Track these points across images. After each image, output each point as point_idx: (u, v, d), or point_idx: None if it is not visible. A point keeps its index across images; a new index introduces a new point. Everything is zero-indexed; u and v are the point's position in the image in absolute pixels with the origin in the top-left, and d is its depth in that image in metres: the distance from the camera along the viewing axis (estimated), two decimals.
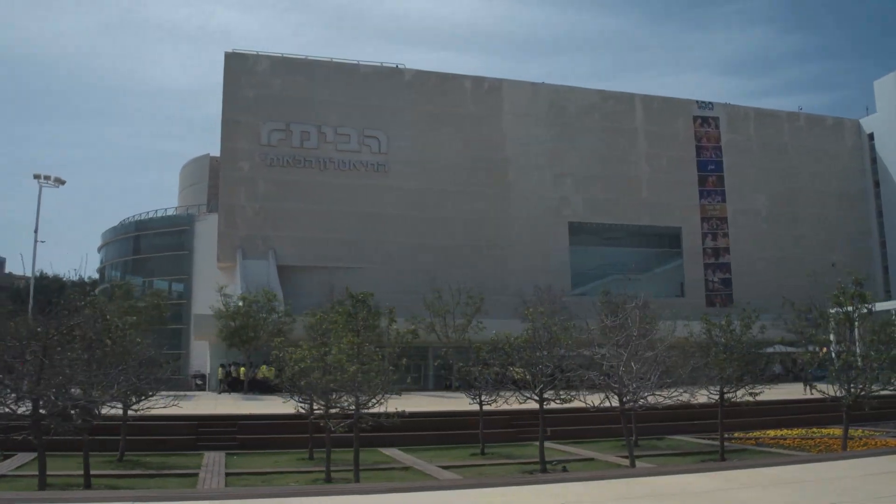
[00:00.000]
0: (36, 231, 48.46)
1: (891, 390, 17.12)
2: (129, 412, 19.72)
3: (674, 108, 67.98)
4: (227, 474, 18.03)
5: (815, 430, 27.20)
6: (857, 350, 16.70)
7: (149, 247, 62.20)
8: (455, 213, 60.04)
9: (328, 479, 16.99)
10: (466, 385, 22.50)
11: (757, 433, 26.62)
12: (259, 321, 43.14)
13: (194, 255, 59.56)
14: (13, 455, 19.09)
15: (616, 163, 64.99)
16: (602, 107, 66.06)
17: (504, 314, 46.31)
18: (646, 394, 16.34)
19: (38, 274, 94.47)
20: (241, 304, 43.55)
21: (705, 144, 67.93)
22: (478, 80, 63.96)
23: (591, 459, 20.80)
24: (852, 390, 16.74)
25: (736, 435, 26.48)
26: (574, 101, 65.49)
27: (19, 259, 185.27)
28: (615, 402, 16.82)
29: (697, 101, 68.85)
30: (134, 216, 64.10)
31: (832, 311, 17.11)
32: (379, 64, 61.69)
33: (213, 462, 19.75)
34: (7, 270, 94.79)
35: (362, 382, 15.06)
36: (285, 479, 17.67)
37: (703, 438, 25.54)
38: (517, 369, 35.39)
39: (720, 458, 20.22)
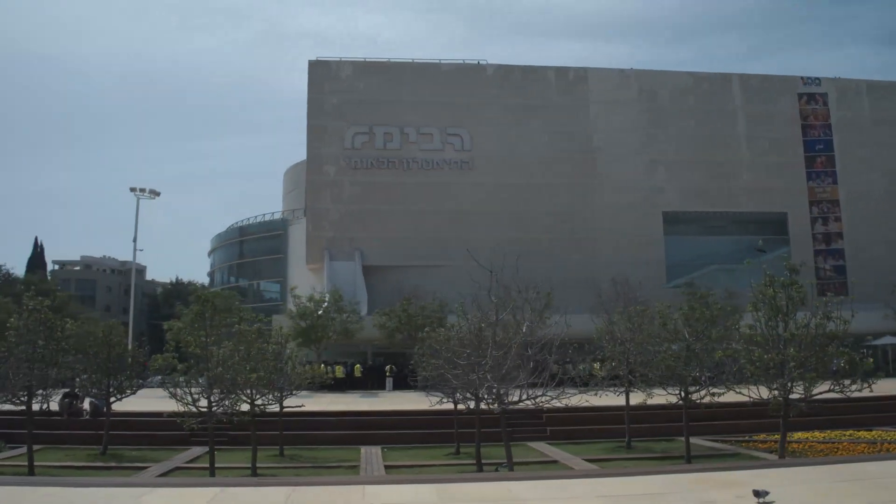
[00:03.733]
0: (135, 241, 52.89)
1: (837, 392, 15.31)
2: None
3: (776, 86, 63.53)
4: (177, 468, 19.06)
5: (850, 432, 24.89)
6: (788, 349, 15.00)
7: (250, 251, 65.82)
8: (541, 207, 59.15)
9: (254, 474, 17.67)
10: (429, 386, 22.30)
11: (776, 436, 24.66)
12: (327, 321, 44.70)
13: (288, 258, 62.33)
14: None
15: (713, 147, 61.68)
16: (696, 89, 62.93)
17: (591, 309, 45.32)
18: (522, 395, 15.56)
19: (174, 280, 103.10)
20: (311, 304, 45.28)
21: (812, 123, 62.87)
22: (562, 71, 62.80)
23: (556, 462, 20.22)
24: (782, 393, 15.13)
25: (759, 437, 24.77)
26: (665, 85, 62.84)
27: (157, 267, 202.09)
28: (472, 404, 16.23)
29: (802, 78, 63.94)
30: (238, 222, 68.09)
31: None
32: (461, 61, 61.99)
33: (183, 457, 20.86)
34: (150, 277, 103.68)
35: (218, 379, 15.50)
36: (224, 473, 18.41)
37: (715, 441, 24.00)
38: (595, 364, 34.37)
39: (686, 460, 19.11)
